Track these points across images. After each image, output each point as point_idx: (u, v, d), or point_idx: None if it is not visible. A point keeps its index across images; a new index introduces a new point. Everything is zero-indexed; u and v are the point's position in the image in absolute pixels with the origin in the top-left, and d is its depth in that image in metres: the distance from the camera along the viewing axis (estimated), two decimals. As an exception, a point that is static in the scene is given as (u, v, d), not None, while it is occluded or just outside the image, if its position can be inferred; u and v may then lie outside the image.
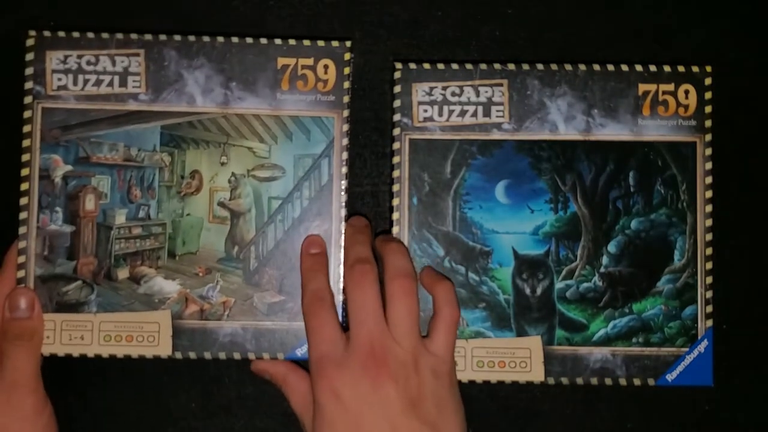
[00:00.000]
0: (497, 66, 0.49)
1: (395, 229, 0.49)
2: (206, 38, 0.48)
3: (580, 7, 0.53)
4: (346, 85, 0.49)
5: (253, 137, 0.49)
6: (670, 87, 0.49)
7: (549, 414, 0.51)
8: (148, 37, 0.48)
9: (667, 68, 0.49)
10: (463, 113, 0.49)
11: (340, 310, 0.47)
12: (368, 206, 0.52)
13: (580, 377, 0.48)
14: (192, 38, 0.48)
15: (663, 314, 0.48)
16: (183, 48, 0.48)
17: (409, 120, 0.49)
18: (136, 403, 0.51)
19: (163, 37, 0.48)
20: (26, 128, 0.48)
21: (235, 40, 0.49)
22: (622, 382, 0.48)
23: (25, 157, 0.48)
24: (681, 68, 0.49)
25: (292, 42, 0.49)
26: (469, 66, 0.49)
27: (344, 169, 0.49)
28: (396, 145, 0.49)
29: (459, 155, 0.49)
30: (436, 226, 0.49)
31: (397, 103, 0.49)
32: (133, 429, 0.51)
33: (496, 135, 0.49)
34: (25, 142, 0.48)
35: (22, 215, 0.48)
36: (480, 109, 0.49)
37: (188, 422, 0.51)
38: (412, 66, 0.49)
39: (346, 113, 0.49)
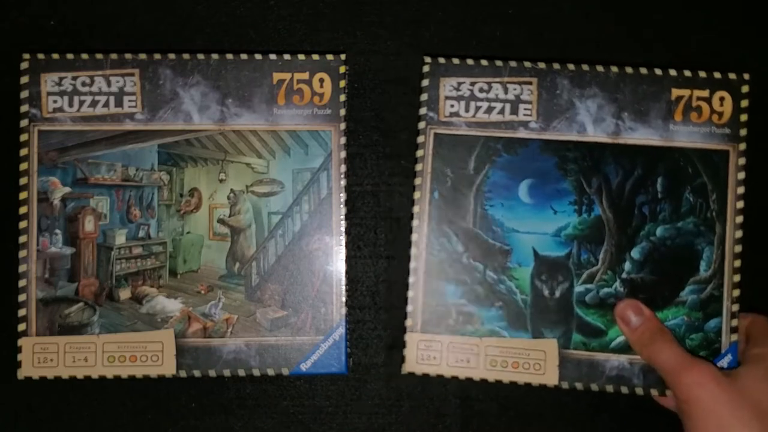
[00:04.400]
0: (527, 64, 0.48)
1: (414, 223, 0.48)
2: (201, 56, 0.48)
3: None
4: (342, 98, 0.49)
5: (251, 153, 0.49)
6: (705, 93, 0.48)
7: (551, 417, 0.51)
8: (143, 56, 0.48)
9: (702, 74, 0.48)
10: (490, 110, 0.48)
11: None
12: (368, 206, 0.52)
13: (594, 383, 0.47)
14: (186, 56, 0.48)
15: (685, 325, 0.47)
16: (178, 66, 0.48)
17: (435, 114, 0.48)
18: (136, 402, 0.51)
19: (157, 56, 0.48)
20: (23, 151, 0.48)
21: (229, 56, 0.49)
22: (639, 391, 0.47)
23: (23, 181, 0.48)
24: (717, 74, 0.48)
25: (287, 57, 0.49)
26: (498, 63, 0.49)
27: (343, 182, 0.49)
28: (420, 139, 0.48)
29: (483, 152, 0.48)
30: (457, 222, 0.48)
31: (423, 96, 0.48)
32: (133, 429, 0.51)
33: (522, 133, 0.48)
34: (23, 165, 0.48)
35: (22, 238, 0.47)
36: (507, 106, 0.48)
37: (188, 422, 0.51)
38: (441, 60, 0.49)
39: (342, 126, 0.49)
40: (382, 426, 0.51)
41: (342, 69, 0.49)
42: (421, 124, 0.48)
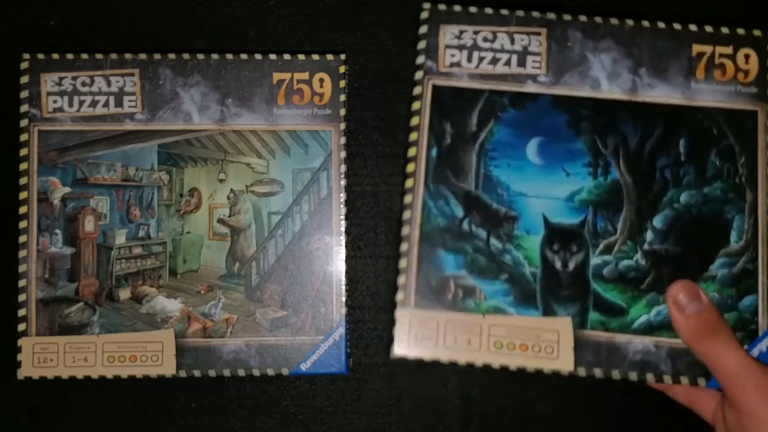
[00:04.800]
0: (536, 14, 0.45)
1: (408, 183, 0.43)
2: (201, 56, 0.48)
3: None
4: (342, 98, 0.49)
5: (251, 153, 0.49)
6: (728, 50, 0.44)
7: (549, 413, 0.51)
8: (143, 56, 0.48)
9: (725, 29, 0.44)
10: (495, 61, 0.44)
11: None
12: (368, 206, 0.52)
13: (617, 370, 0.42)
14: (186, 56, 0.48)
15: (717, 303, 0.42)
16: (178, 66, 0.48)
17: (433, 63, 0.44)
18: (136, 402, 0.51)
19: (157, 56, 0.48)
20: (23, 151, 0.48)
21: (229, 56, 0.49)
22: (667, 379, 0.42)
23: (23, 181, 0.48)
24: (741, 31, 0.44)
25: (287, 57, 0.49)
26: (504, 11, 0.45)
27: (343, 182, 0.49)
28: (417, 90, 0.44)
29: (488, 106, 0.44)
30: (457, 183, 0.44)
31: (421, 44, 0.44)
32: (134, 429, 0.51)
33: (530, 87, 0.44)
34: (23, 165, 0.48)
35: (22, 238, 0.47)
36: (514, 57, 0.44)
37: (188, 422, 0.51)
38: (442, 7, 0.45)
39: (342, 126, 0.49)
40: (382, 426, 0.51)
41: (342, 69, 0.49)
42: (419, 74, 0.44)
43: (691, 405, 0.45)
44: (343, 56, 0.49)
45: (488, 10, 0.45)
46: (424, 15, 0.45)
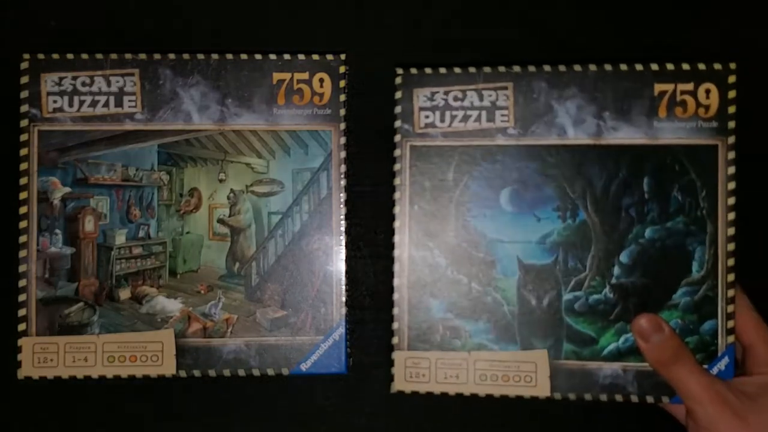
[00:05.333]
0: (502, 69, 0.47)
1: (396, 238, 0.48)
2: (200, 56, 0.48)
3: (589, 3, 0.51)
4: (342, 98, 0.49)
5: (250, 153, 0.49)
6: (690, 86, 0.46)
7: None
8: (143, 56, 0.48)
9: (686, 66, 0.46)
10: (465, 118, 0.47)
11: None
12: (368, 206, 0.52)
13: (588, 393, 0.46)
14: (186, 56, 0.48)
15: (680, 328, 0.46)
16: (178, 66, 0.48)
17: (410, 126, 0.48)
18: (136, 402, 0.51)
19: (157, 56, 0.48)
20: (23, 151, 0.48)
21: (229, 56, 0.49)
22: (634, 399, 0.46)
23: (23, 181, 0.48)
24: (702, 66, 0.46)
25: (287, 57, 0.49)
26: (472, 69, 0.48)
27: (343, 182, 0.49)
28: (397, 152, 0.48)
29: (461, 162, 0.47)
30: (438, 235, 0.48)
31: (398, 109, 0.48)
32: (134, 429, 0.51)
33: (500, 140, 0.47)
34: (23, 165, 0.48)
35: (22, 238, 0.48)
36: (483, 113, 0.47)
37: (188, 422, 0.51)
38: (413, 71, 0.48)
39: (342, 126, 0.49)
40: (382, 426, 0.51)
41: (342, 69, 0.49)
42: (397, 137, 0.48)
43: (670, 410, 0.48)
44: (343, 56, 0.49)
45: (457, 70, 0.48)
46: (398, 80, 0.48)
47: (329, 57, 0.49)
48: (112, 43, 0.51)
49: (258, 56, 0.49)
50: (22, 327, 0.47)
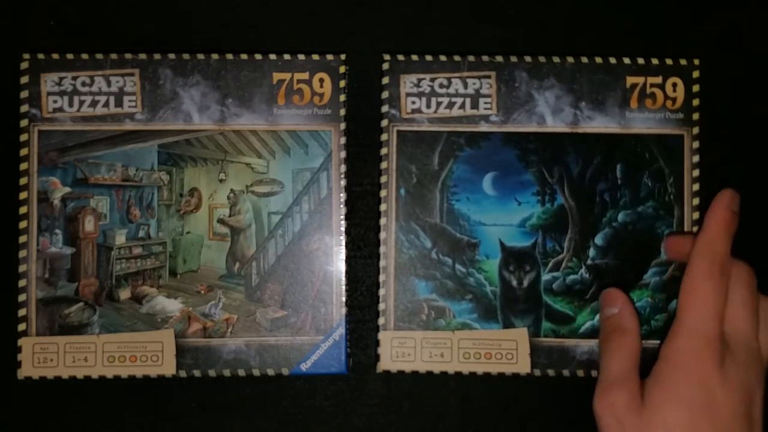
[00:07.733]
0: (485, 58, 0.49)
1: (382, 221, 0.49)
2: (201, 56, 0.48)
3: (570, 0, 0.53)
4: (342, 98, 0.49)
5: (251, 153, 0.49)
6: (658, 80, 0.49)
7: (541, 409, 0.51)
8: (143, 56, 0.48)
9: (655, 61, 0.49)
10: (450, 105, 0.49)
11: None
12: (368, 206, 0.52)
13: (566, 369, 0.48)
14: (186, 56, 0.48)
15: (650, 307, 0.49)
16: (178, 66, 0.48)
17: (397, 111, 0.49)
18: (136, 402, 0.51)
19: (157, 56, 0.48)
20: (23, 151, 0.48)
21: (229, 56, 0.49)
22: None
23: (23, 181, 0.48)
24: (669, 61, 0.49)
25: (287, 57, 0.49)
26: (457, 58, 0.49)
27: (343, 182, 0.49)
28: (384, 137, 0.49)
29: (447, 147, 0.49)
30: (424, 218, 0.49)
31: (385, 94, 0.49)
32: (133, 429, 0.51)
33: (483, 127, 0.49)
34: (23, 165, 0.48)
35: (22, 238, 0.48)
36: (468, 101, 0.49)
37: (188, 422, 0.51)
38: (401, 57, 0.49)
39: (342, 126, 0.49)
40: (382, 426, 0.51)
41: (342, 69, 0.49)
42: (384, 122, 0.49)
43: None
44: (343, 56, 0.49)
45: (442, 57, 0.49)
46: (385, 66, 0.49)
47: (329, 57, 0.49)
48: (112, 43, 0.51)
49: (258, 56, 0.49)
50: (22, 327, 0.47)
